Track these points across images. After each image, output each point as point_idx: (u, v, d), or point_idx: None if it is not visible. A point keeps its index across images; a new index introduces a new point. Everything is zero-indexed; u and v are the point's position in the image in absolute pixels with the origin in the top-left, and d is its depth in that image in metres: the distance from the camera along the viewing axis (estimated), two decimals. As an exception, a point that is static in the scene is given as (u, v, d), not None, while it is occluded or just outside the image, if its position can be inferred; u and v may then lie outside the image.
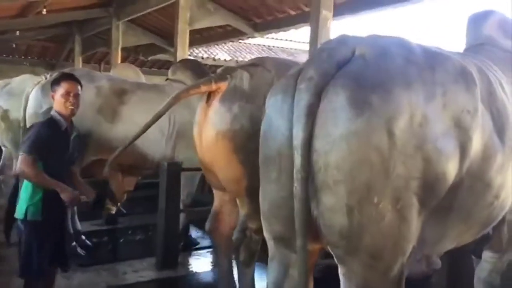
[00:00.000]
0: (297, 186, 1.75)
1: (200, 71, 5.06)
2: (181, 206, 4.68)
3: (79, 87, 3.14)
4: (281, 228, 1.97)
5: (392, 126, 1.72)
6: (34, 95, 4.49)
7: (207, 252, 5.07)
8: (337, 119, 1.74)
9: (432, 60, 1.96)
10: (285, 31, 8.48)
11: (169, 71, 5.43)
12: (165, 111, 3.12)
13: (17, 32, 11.04)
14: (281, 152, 1.89)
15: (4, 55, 15.09)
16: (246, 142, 2.80)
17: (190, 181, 4.87)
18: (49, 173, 2.89)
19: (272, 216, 2.00)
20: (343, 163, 1.72)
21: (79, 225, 5.02)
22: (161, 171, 4.47)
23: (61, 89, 3.05)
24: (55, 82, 3.10)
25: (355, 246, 1.80)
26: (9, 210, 4.69)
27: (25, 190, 2.94)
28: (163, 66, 15.67)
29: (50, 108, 4.33)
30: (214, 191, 3.49)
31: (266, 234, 2.11)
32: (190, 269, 4.53)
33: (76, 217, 5.08)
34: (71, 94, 3.06)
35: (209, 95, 3.04)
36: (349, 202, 1.73)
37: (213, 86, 2.97)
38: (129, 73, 6.34)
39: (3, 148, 6.09)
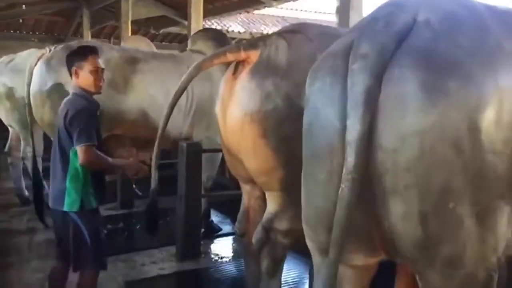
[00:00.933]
0: (344, 188, 1.40)
1: (224, 41, 4.61)
2: (202, 190, 4.28)
3: (101, 61, 2.88)
4: (329, 239, 1.57)
5: (476, 117, 1.38)
6: (38, 70, 4.07)
7: (231, 238, 4.70)
8: (407, 110, 1.39)
9: (509, 26, 1.57)
10: (305, -2, 7.94)
11: (189, 41, 4.99)
12: (187, 83, 2.67)
13: (23, 6, 10.62)
14: (332, 149, 1.51)
15: (12, 31, 14.75)
16: (279, 126, 2.37)
17: (211, 163, 4.47)
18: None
19: (319, 225, 1.63)
20: (416, 164, 1.39)
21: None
22: (180, 152, 4.06)
23: (88, 65, 2.76)
24: (80, 57, 2.78)
25: (432, 257, 1.50)
26: (38, 195, 4.38)
27: (75, 179, 2.68)
28: (175, 39, 15.25)
29: (57, 85, 3.99)
30: (241, 185, 3.01)
31: (310, 244, 1.76)
32: (213, 259, 4.16)
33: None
34: (99, 70, 2.81)
35: (237, 66, 2.57)
36: (424, 209, 1.42)
37: (242, 55, 2.50)
38: (141, 46, 5.93)
39: (10, 129, 5.72)
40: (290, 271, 3.71)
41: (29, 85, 4.14)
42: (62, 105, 2.79)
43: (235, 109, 2.49)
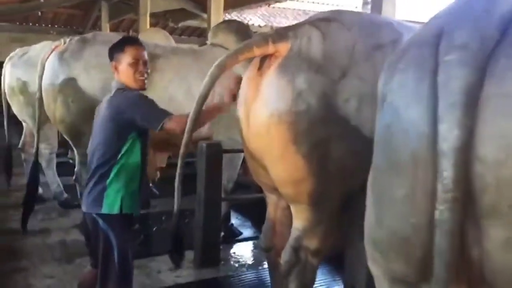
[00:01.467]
0: (443, 211, 1.10)
1: (247, 34, 4.32)
2: (222, 193, 4.03)
3: (145, 52, 2.57)
4: (406, 268, 1.29)
5: None
6: (50, 63, 3.85)
7: (252, 243, 4.44)
8: None
9: None
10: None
11: (209, 34, 4.70)
12: (210, 86, 2.29)
13: (42, -2, 10.50)
14: (417, 159, 1.19)
15: (30, 24, 14.71)
16: (312, 129, 2.09)
17: (231, 163, 4.21)
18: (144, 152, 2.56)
19: (393, 250, 1.32)
20: None
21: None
22: (199, 153, 3.81)
23: (127, 57, 2.49)
24: (118, 49, 2.52)
25: None
26: (30, 194, 4.19)
27: (116, 180, 2.44)
28: (193, 33, 15.03)
29: (70, 79, 3.77)
30: (266, 194, 2.72)
31: (375, 269, 1.46)
32: (234, 266, 3.90)
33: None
34: (140, 62, 2.51)
35: (262, 61, 2.26)
36: None
37: (270, 48, 2.18)
38: (159, 39, 5.69)
39: (23, 124, 5.54)
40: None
41: (41, 78, 3.93)
42: (105, 102, 2.52)
43: (261, 109, 2.19)
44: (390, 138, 1.29)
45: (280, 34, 2.22)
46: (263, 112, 2.17)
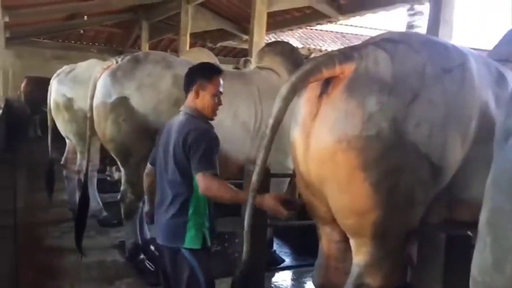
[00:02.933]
0: None
1: (294, 56, 4.23)
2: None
3: None
4: None
5: None
6: (102, 82, 3.82)
7: (293, 272, 4.27)
8: None
9: None
10: (373, 13, 7.51)
11: (255, 56, 4.64)
12: (283, 111, 2.08)
13: (85, 17, 10.76)
14: None
15: (73, 42, 15.10)
16: (383, 156, 1.95)
17: (277, 188, 4.07)
18: None
19: None
20: None
21: (148, 233, 4.34)
22: (246, 175, 3.69)
23: (213, 87, 2.44)
24: (205, 75, 2.45)
25: None
26: (81, 216, 4.09)
27: (197, 212, 2.36)
28: (230, 53, 15.14)
29: (122, 98, 3.73)
30: (319, 227, 2.53)
31: None
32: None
33: (145, 222, 4.43)
34: (220, 94, 2.50)
35: (323, 84, 2.13)
36: None
37: (337, 70, 2.05)
38: (203, 58, 5.65)
39: (66, 141, 5.56)
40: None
41: (92, 98, 3.90)
42: (176, 125, 2.42)
43: (325, 134, 2.05)
44: None
45: (346, 54, 2.09)
46: (328, 138, 2.03)
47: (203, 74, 2.45)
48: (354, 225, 2.15)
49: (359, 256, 2.20)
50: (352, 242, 2.24)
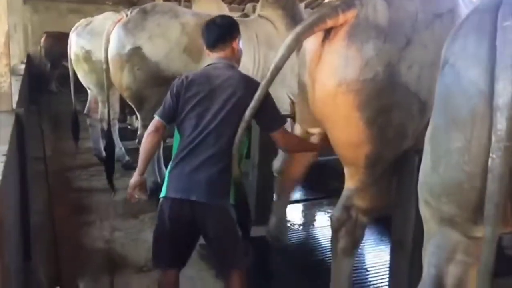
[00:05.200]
0: (495, 159, 1.28)
1: (295, 11, 4.41)
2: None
3: None
4: (454, 210, 1.52)
5: None
6: (115, 35, 4.11)
7: (302, 205, 4.65)
8: None
9: None
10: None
11: (258, 4, 4.82)
12: (286, 58, 2.22)
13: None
14: (474, 115, 1.38)
15: (86, -5, 15.16)
16: (377, 96, 2.17)
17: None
18: None
19: (445, 194, 1.54)
20: None
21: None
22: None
23: (239, 41, 2.49)
24: (236, 29, 2.47)
25: None
26: (109, 157, 4.52)
27: (229, 168, 2.31)
28: (243, 1, 15.03)
29: (136, 48, 4.00)
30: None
31: (425, 210, 1.68)
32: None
33: (162, 162, 4.84)
34: None
35: (326, 30, 2.29)
36: None
37: (341, 19, 2.21)
38: (213, 7, 5.85)
39: (88, 91, 5.91)
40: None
41: (106, 50, 4.20)
42: (227, 78, 2.35)
43: (328, 78, 2.26)
44: (450, 96, 1.47)
45: (347, 3, 2.23)
46: (331, 81, 2.24)
47: (236, 29, 2.46)
48: (349, 156, 2.44)
49: (351, 181, 2.49)
50: (346, 170, 2.52)
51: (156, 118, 2.40)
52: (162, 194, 2.35)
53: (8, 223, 2.18)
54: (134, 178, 2.42)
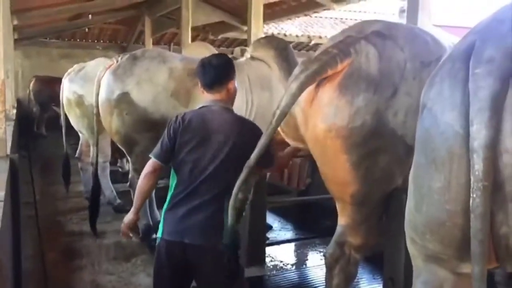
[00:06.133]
0: (476, 199, 1.33)
1: (287, 52, 4.48)
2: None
3: None
4: (439, 247, 1.56)
5: None
6: (105, 80, 4.20)
7: (294, 245, 4.66)
8: None
9: None
10: None
11: (250, 47, 4.95)
12: (292, 103, 2.25)
13: (90, 16, 11.11)
14: (452, 156, 1.44)
15: (78, 40, 15.46)
16: (364, 141, 2.27)
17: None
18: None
19: (429, 232, 1.58)
20: None
21: (158, 215, 4.76)
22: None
23: (235, 80, 2.49)
24: (233, 69, 2.47)
25: None
26: (94, 200, 4.56)
27: (221, 213, 2.27)
28: (232, 44, 15.40)
29: (123, 94, 4.07)
30: None
31: (412, 247, 1.72)
32: (279, 266, 4.13)
33: (154, 205, 4.84)
34: None
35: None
36: None
37: (339, 68, 2.30)
38: (203, 52, 5.97)
39: (80, 135, 5.96)
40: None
41: (97, 94, 4.29)
42: (224, 120, 2.36)
43: (319, 122, 2.37)
44: (429, 138, 1.54)
45: (344, 52, 2.31)
46: (321, 126, 2.35)
47: (233, 69, 2.46)
48: (336, 193, 2.53)
49: (342, 218, 2.56)
50: (337, 206, 2.59)
51: (153, 159, 2.39)
52: (159, 234, 2.37)
53: (5, 267, 2.18)
54: (129, 216, 2.43)
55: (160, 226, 2.38)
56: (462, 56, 1.48)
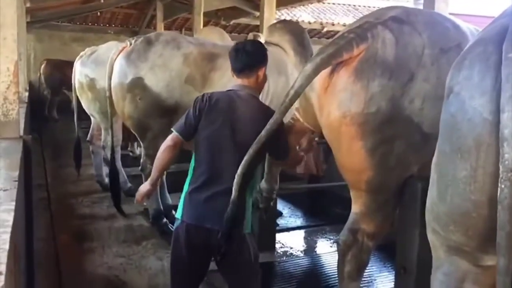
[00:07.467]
0: (504, 189, 1.27)
1: (302, 38, 4.42)
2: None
3: None
4: (462, 238, 1.51)
5: None
6: (118, 64, 4.17)
7: (303, 232, 4.66)
8: None
9: None
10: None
11: (265, 32, 4.90)
12: (307, 85, 2.22)
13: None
14: (479, 144, 1.38)
15: (90, 24, 15.45)
16: (379, 128, 2.24)
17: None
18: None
19: (452, 223, 1.53)
20: None
21: (169, 199, 4.79)
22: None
23: (265, 68, 2.45)
24: (265, 55, 2.44)
25: None
26: (113, 183, 4.57)
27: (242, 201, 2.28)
28: (244, 30, 15.31)
29: (137, 79, 4.05)
30: None
31: (434, 238, 1.66)
32: (289, 252, 4.14)
33: (166, 189, 4.86)
34: None
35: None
36: None
37: (355, 52, 2.26)
38: (215, 37, 5.93)
39: (91, 119, 5.97)
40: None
41: (110, 78, 4.26)
42: (248, 110, 2.35)
43: (334, 108, 2.34)
44: (455, 125, 1.47)
45: (361, 36, 2.27)
46: (336, 112, 2.32)
47: (266, 56, 2.44)
48: (351, 180, 2.50)
49: (356, 205, 2.53)
50: (351, 193, 2.56)
51: (175, 133, 2.37)
52: (178, 215, 2.35)
53: (20, 245, 2.19)
54: (146, 186, 2.42)
55: (180, 208, 2.35)
56: (494, 39, 1.41)
